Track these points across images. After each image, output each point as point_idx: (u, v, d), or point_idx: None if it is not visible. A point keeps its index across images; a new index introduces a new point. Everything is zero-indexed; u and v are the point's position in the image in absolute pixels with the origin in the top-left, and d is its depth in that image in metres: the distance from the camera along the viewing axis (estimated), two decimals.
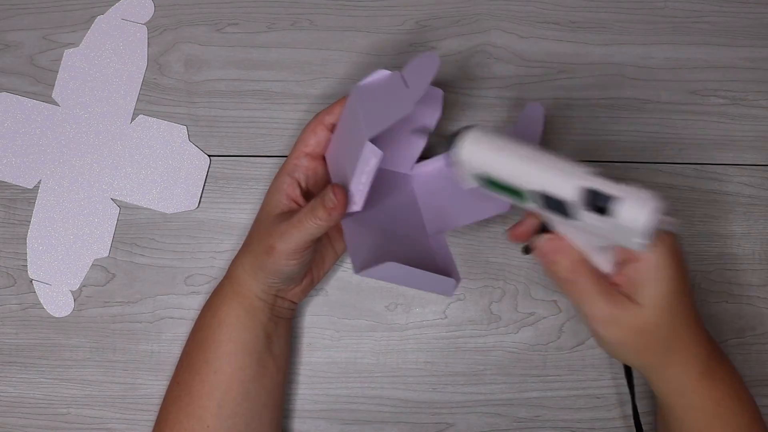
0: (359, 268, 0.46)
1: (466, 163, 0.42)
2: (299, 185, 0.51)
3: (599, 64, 0.60)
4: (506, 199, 0.43)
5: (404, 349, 0.59)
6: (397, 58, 0.60)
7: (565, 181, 0.39)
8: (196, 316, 0.58)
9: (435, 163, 0.54)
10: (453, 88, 0.60)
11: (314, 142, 0.51)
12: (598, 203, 0.38)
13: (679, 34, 0.61)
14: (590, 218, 0.39)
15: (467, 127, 0.42)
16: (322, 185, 0.52)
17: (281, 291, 0.52)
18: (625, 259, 0.44)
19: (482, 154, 0.41)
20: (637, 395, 0.54)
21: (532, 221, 0.46)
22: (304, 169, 0.51)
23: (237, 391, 0.51)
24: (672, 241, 0.43)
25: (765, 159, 0.60)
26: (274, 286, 0.51)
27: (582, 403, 0.59)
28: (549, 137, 0.60)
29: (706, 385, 0.46)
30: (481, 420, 0.59)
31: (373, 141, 0.44)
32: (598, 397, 0.59)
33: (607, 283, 0.44)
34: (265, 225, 0.50)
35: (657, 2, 0.61)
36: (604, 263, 0.44)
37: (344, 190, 0.46)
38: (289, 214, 0.49)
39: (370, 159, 0.45)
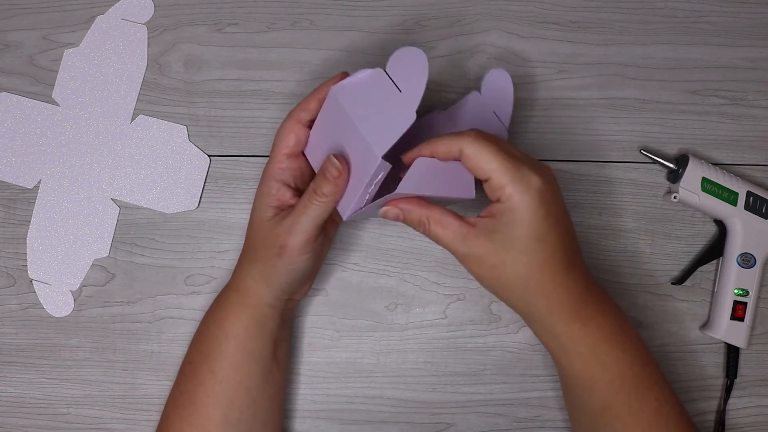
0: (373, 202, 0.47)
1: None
2: (289, 187, 0.50)
3: (599, 64, 0.60)
4: None
5: (404, 349, 0.59)
6: None
7: None
8: (197, 322, 0.58)
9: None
10: (453, 88, 0.60)
11: (294, 142, 0.49)
12: None
13: (679, 34, 0.61)
14: None
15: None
16: (309, 181, 0.51)
17: (293, 293, 0.52)
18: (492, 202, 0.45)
19: None
20: None
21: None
22: (290, 170, 0.50)
23: (242, 399, 0.51)
24: (541, 186, 0.43)
25: (765, 159, 0.60)
26: (288, 291, 0.51)
27: None
28: (549, 137, 0.60)
29: (576, 330, 0.46)
30: (481, 420, 0.59)
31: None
32: None
33: (460, 224, 0.45)
34: (264, 230, 0.49)
35: (657, 2, 0.61)
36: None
37: (342, 158, 0.46)
38: (285, 212, 0.49)
39: (379, 173, 0.45)
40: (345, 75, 0.48)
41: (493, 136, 0.45)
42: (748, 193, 0.57)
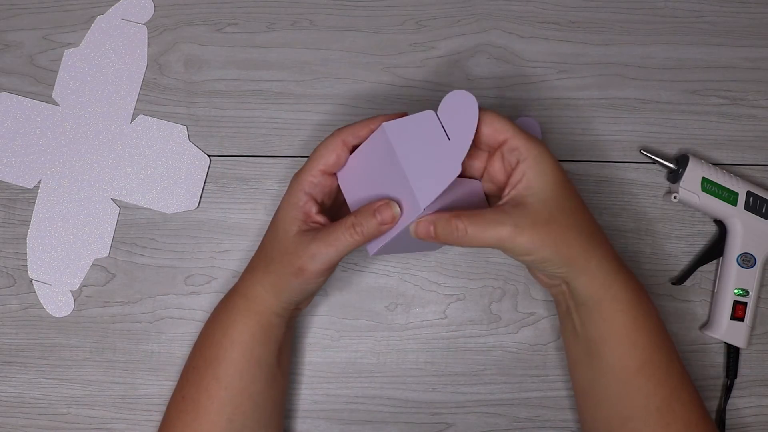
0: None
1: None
2: (315, 202, 0.49)
3: (599, 64, 0.60)
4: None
5: (404, 349, 0.59)
6: (397, 58, 0.60)
7: None
8: (201, 318, 0.58)
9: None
10: (453, 88, 0.59)
11: (333, 161, 0.48)
12: None
13: (679, 34, 0.61)
14: None
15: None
16: (335, 202, 0.51)
17: (301, 304, 0.52)
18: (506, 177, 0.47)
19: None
20: None
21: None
22: (321, 186, 0.49)
23: (247, 405, 0.51)
24: (542, 144, 0.46)
25: (765, 159, 0.60)
26: (297, 302, 0.51)
27: None
28: (549, 137, 0.60)
29: (624, 275, 0.49)
30: (481, 420, 0.59)
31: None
32: None
33: (493, 209, 0.46)
34: (286, 245, 0.48)
35: (657, 2, 0.61)
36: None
37: (392, 209, 0.46)
38: (312, 233, 0.47)
39: (412, 218, 0.45)
40: (403, 115, 0.48)
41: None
42: (748, 193, 0.57)
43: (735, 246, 0.57)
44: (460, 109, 0.45)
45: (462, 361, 0.59)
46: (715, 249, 0.59)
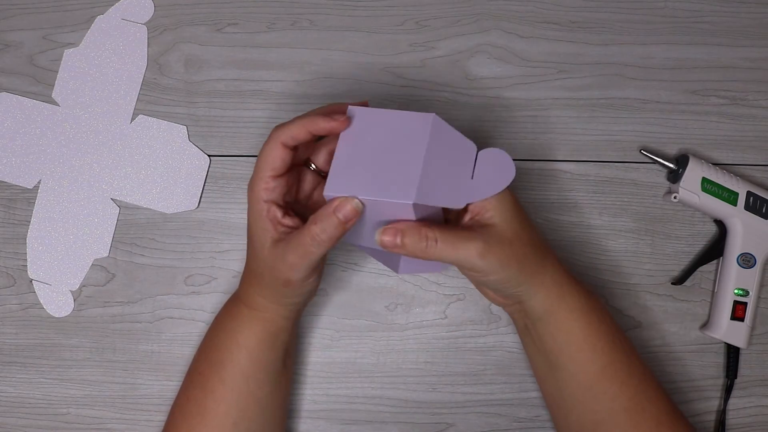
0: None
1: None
2: (279, 206, 0.47)
3: (599, 64, 0.60)
4: None
5: (404, 349, 0.59)
6: (397, 58, 0.60)
7: None
8: (201, 318, 0.58)
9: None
10: (453, 88, 0.60)
11: (280, 165, 0.47)
12: None
13: (679, 34, 0.61)
14: None
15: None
16: (299, 194, 0.50)
17: (306, 303, 0.53)
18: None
19: None
20: None
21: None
22: (277, 190, 0.47)
23: (253, 409, 0.51)
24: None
25: (765, 159, 0.60)
26: (302, 304, 0.51)
27: None
28: (549, 137, 0.60)
29: (575, 285, 0.50)
30: (481, 420, 0.59)
31: None
32: None
33: (462, 228, 0.47)
34: (265, 259, 0.47)
35: (657, 2, 0.61)
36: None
37: (352, 203, 0.44)
38: (285, 242, 0.46)
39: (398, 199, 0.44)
40: (365, 104, 0.47)
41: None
42: (748, 193, 0.57)
43: (735, 246, 0.57)
44: (497, 171, 0.47)
45: (462, 361, 0.59)
46: (715, 249, 0.59)
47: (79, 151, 0.59)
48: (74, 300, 0.58)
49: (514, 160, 0.59)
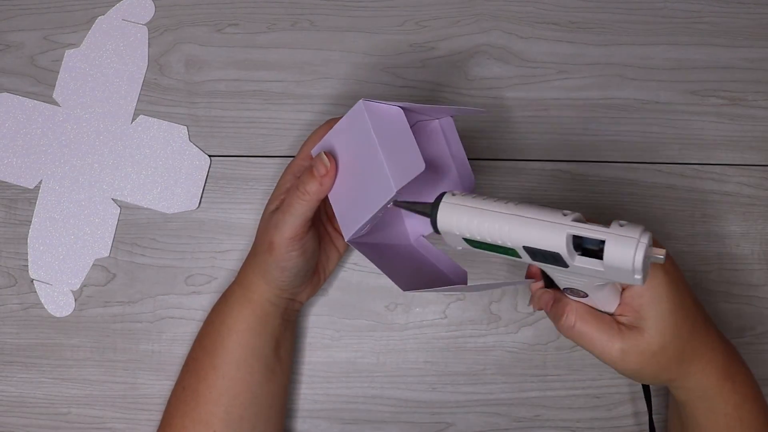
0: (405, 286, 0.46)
1: (449, 232, 0.42)
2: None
3: (599, 65, 0.60)
4: (502, 257, 0.43)
5: (404, 349, 0.59)
6: (397, 59, 0.60)
7: (550, 233, 0.39)
8: (201, 318, 0.58)
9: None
10: (453, 88, 0.60)
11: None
12: (588, 248, 0.38)
13: (679, 34, 0.61)
14: (582, 263, 0.39)
15: (440, 196, 0.42)
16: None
17: (294, 294, 0.52)
18: (624, 288, 0.44)
19: (460, 220, 0.41)
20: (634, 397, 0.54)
21: (539, 288, 0.47)
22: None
23: (245, 396, 0.51)
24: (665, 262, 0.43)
25: (764, 159, 0.60)
26: (287, 289, 0.51)
27: (581, 403, 0.59)
28: (549, 137, 0.60)
29: (727, 389, 0.47)
30: (480, 420, 0.59)
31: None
32: (597, 397, 0.59)
33: (611, 321, 0.44)
34: (262, 225, 0.50)
35: (656, 3, 0.61)
36: (605, 300, 0.44)
37: (332, 157, 0.46)
38: (279, 208, 0.49)
39: (389, 203, 0.45)
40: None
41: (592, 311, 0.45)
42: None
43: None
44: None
45: (462, 360, 0.59)
46: None
47: (80, 152, 0.59)
48: (75, 300, 0.59)
49: (515, 160, 0.59)
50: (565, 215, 0.39)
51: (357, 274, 0.59)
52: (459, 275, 0.51)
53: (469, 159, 0.52)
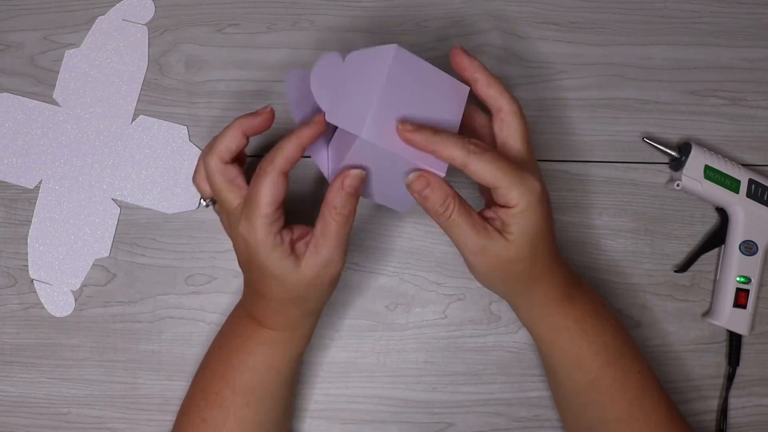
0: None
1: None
2: (289, 229, 0.47)
3: (598, 65, 0.60)
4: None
5: (404, 349, 0.59)
6: None
7: None
8: (198, 322, 0.58)
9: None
10: None
11: (280, 194, 0.46)
12: None
13: (678, 34, 0.61)
14: None
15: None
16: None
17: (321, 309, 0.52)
18: (503, 204, 0.46)
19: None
20: None
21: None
22: (280, 214, 0.46)
23: (270, 420, 0.52)
24: (539, 188, 0.45)
25: (764, 159, 0.61)
26: (316, 311, 0.51)
27: None
28: (549, 137, 0.60)
29: (566, 306, 0.50)
30: (480, 419, 0.59)
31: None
32: None
33: (478, 217, 0.46)
34: (301, 280, 0.47)
35: (656, 3, 0.61)
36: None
37: (352, 173, 0.45)
38: (312, 247, 0.46)
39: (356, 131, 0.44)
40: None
41: (491, 148, 0.45)
42: (750, 181, 0.57)
43: (737, 234, 0.58)
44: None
45: (462, 360, 0.59)
46: (717, 237, 0.59)
47: (80, 152, 0.59)
48: (75, 300, 0.59)
49: None
50: None
51: (357, 274, 0.59)
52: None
53: None
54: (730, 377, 0.59)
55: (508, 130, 0.47)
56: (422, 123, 0.44)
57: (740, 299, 0.58)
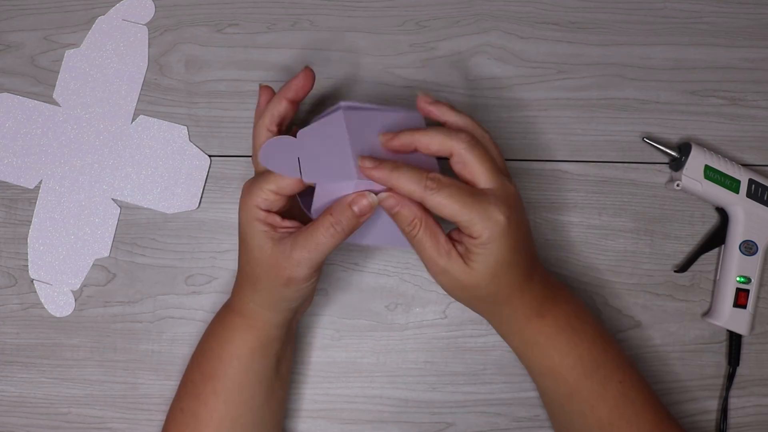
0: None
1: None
2: (277, 213, 0.48)
3: (598, 65, 0.60)
4: None
5: (404, 349, 0.59)
6: (396, 59, 0.60)
7: None
8: (202, 318, 0.58)
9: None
10: (453, 88, 0.60)
11: (290, 190, 0.48)
12: None
13: (678, 34, 0.61)
14: None
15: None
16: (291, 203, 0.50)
17: (299, 308, 0.52)
18: (468, 234, 0.46)
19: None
20: None
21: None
22: (278, 202, 0.48)
23: (246, 417, 0.51)
24: (503, 221, 0.45)
25: (764, 159, 0.61)
26: (295, 310, 0.51)
27: None
28: (549, 137, 0.60)
29: (536, 323, 0.50)
30: (480, 419, 0.59)
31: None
32: None
33: (445, 239, 0.46)
34: (266, 261, 0.47)
35: (656, 3, 0.61)
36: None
37: (368, 198, 0.45)
38: (289, 241, 0.46)
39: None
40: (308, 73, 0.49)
41: (452, 182, 0.45)
42: (750, 181, 0.57)
43: (737, 233, 0.58)
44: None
45: (462, 360, 0.59)
46: (717, 237, 0.59)
47: (80, 152, 0.59)
48: (75, 300, 0.59)
49: (515, 160, 0.59)
50: None
51: (357, 274, 0.59)
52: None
53: None
54: (730, 377, 0.59)
55: (469, 168, 0.46)
56: (384, 158, 0.45)
57: (740, 299, 0.58)
